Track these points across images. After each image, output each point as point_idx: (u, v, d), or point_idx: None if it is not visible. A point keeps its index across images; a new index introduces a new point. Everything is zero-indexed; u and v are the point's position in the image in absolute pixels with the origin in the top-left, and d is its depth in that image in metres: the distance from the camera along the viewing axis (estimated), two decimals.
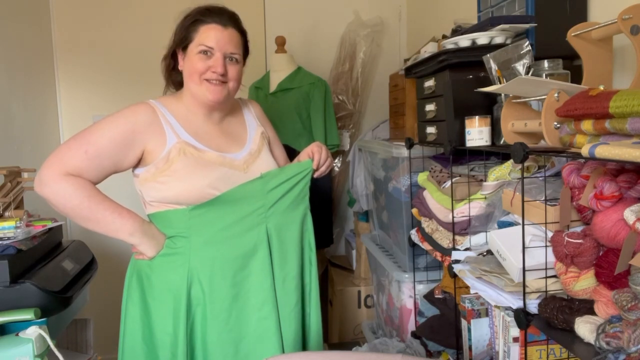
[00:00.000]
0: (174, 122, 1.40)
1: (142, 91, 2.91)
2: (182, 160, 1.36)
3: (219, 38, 1.38)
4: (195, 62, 1.39)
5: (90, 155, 1.31)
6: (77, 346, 1.90)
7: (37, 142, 2.59)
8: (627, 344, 0.83)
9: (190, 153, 1.37)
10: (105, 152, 1.33)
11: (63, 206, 1.30)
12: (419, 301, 2.04)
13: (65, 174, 1.29)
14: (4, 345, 1.29)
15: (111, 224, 1.35)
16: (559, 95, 1.09)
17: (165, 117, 1.40)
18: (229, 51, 1.40)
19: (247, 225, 1.40)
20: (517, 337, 1.29)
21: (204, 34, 1.39)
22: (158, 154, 1.37)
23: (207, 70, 1.38)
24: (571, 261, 1.02)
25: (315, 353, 1.26)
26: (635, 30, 1.06)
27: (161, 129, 1.38)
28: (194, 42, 1.40)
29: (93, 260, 1.89)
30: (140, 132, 1.36)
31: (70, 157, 1.30)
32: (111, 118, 1.37)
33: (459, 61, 1.51)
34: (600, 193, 0.96)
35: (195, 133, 1.42)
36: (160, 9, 2.89)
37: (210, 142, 1.43)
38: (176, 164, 1.35)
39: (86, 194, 1.31)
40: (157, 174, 1.37)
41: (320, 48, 3.04)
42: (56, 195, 1.29)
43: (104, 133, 1.34)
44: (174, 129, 1.39)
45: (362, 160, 2.68)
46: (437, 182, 1.71)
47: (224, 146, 1.45)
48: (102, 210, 1.33)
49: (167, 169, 1.36)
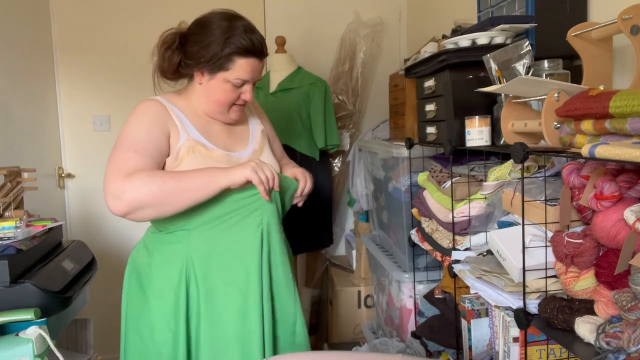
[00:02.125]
0: (183, 119, 1.41)
1: (142, 91, 2.90)
2: (191, 159, 1.36)
3: (255, 71, 1.39)
4: (227, 92, 1.39)
5: (140, 152, 1.31)
6: (77, 346, 1.90)
7: (37, 142, 2.59)
8: (627, 344, 0.83)
9: (199, 151, 1.38)
10: (149, 145, 1.33)
11: (151, 196, 1.25)
12: (419, 301, 2.05)
13: (129, 175, 1.27)
14: (4, 345, 1.29)
15: (198, 181, 1.29)
16: (559, 95, 1.09)
17: (175, 113, 1.41)
18: (259, 77, 1.43)
19: (244, 223, 1.40)
20: (517, 337, 1.29)
21: (241, 68, 1.36)
22: (172, 148, 1.38)
23: (238, 98, 1.41)
24: (571, 261, 1.02)
25: (315, 353, 1.26)
26: (635, 30, 1.06)
27: (174, 123, 1.39)
28: (229, 73, 1.36)
29: (93, 260, 1.89)
30: (162, 121, 1.37)
31: (125, 162, 1.29)
32: (133, 119, 1.37)
33: (459, 61, 1.51)
34: (600, 193, 0.96)
35: (204, 130, 1.42)
36: (160, 9, 2.90)
37: (217, 140, 1.43)
38: (185, 162, 1.36)
39: (158, 173, 1.29)
40: (166, 169, 1.38)
41: (320, 48, 3.04)
42: (137, 192, 1.25)
43: (138, 131, 1.34)
44: (184, 126, 1.40)
45: (362, 160, 2.68)
46: (437, 182, 1.71)
47: (230, 144, 1.46)
48: (183, 177, 1.29)
49: (176, 167, 1.36)
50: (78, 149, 2.89)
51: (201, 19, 1.42)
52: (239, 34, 1.35)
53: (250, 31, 1.37)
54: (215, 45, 1.35)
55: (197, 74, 1.40)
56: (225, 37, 1.34)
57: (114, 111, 2.91)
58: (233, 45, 1.34)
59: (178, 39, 1.40)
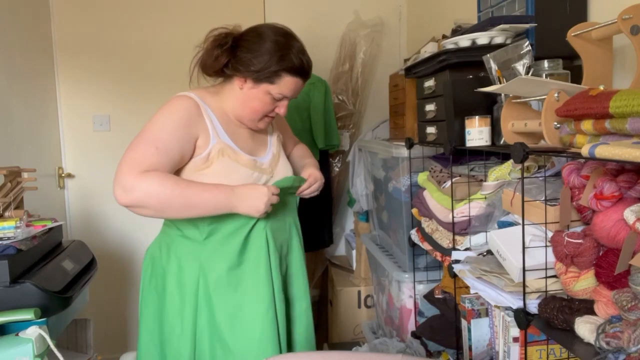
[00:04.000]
0: (214, 120, 1.41)
1: (142, 91, 2.92)
2: (221, 162, 1.38)
3: (297, 90, 1.44)
4: (265, 103, 1.41)
5: (161, 150, 1.30)
6: (77, 346, 1.90)
7: (37, 142, 2.59)
8: (627, 344, 0.83)
9: (228, 155, 1.40)
10: (172, 144, 1.32)
11: (157, 202, 1.27)
12: (419, 301, 2.05)
13: (145, 171, 1.27)
14: (4, 345, 1.29)
15: (207, 203, 1.31)
16: (559, 95, 1.09)
17: (207, 114, 1.40)
18: (295, 97, 1.47)
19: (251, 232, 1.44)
20: (517, 337, 1.29)
21: (286, 85, 1.40)
22: (202, 150, 1.38)
23: (272, 110, 1.44)
24: (571, 261, 1.02)
25: (316, 353, 1.26)
26: (635, 30, 1.06)
27: (205, 126, 1.39)
28: (274, 86, 1.39)
29: (93, 260, 1.89)
30: (193, 122, 1.36)
31: (144, 157, 1.28)
32: (164, 113, 1.36)
33: (459, 61, 1.51)
34: (600, 193, 0.96)
35: (231, 133, 1.44)
36: (160, 9, 2.89)
37: (243, 144, 1.45)
38: (215, 165, 1.38)
39: (173, 182, 1.28)
40: (195, 171, 1.38)
41: (320, 48, 3.04)
42: (146, 194, 1.25)
43: (165, 127, 1.33)
44: (214, 128, 1.40)
45: (362, 160, 2.68)
46: (437, 182, 1.71)
47: (253, 149, 1.49)
48: (194, 192, 1.30)
49: (206, 169, 1.38)
50: (78, 149, 2.89)
51: (257, 28, 1.42)
52: (293, 53, 1.38)
53: (302, 53, 1.41)
54: (268, 57, 1.36)
55: (239, 79, 1.41)
56: (280, 53, 1.37)
57: (114, 111, 2.91)
58: (286, 62, 1.37)
59: (231, 40, 1.40)
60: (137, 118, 2.89)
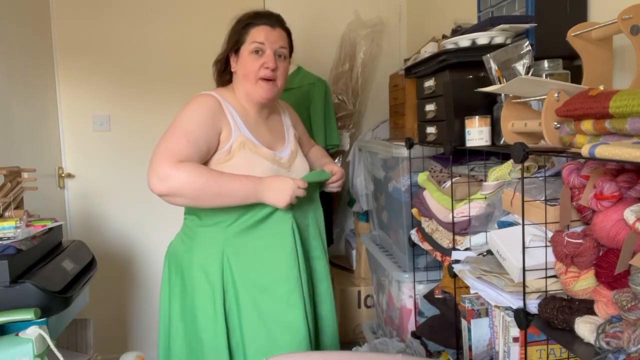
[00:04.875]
0: (235, 115, 1.50)
1: (142, 91, 2.92)
2: (243, 155, 1.46)
3: (268, 35, 1.51)
4: (249, 62, 1.50)
5: (192, 141, 1.38)
6: (77, 346, 1.90)
7: (37, 142, 2.59)
8: (627, 344, 0.83)
9: (249, 148, 1.47)
10: (200, 136, 1.40)
11: (193, 190, 1.34)
12: (419, 301, 2.05)
13: (179, 161, 1.34)
14: (4, 345, 1.29)
15: (238, 192, 1.39)
16: (559, 95, 1.09)
17: (228, 109, 1.49)
18: (278, 45, 1.52)
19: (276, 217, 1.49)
20: (517, 337, 1.29)
21: (255, 34, 1.51)
22: (225, 143, 1.46)
23: (260, 67, 1.49)
24: (571, 261, 1.02)
25: (316, 353, 1.26)
26: (635, 30, 1.06)
27: (227, 120, 1.48)
28: (246, 43, 1.52)
29: (93, 260, 1.89)
30: (217, 119, 1.46)
31: (178, 148, 1.36)
32: (189, 109, 1.45)
33: (459, 61, 1.51)
34: (600, 193, 0.96)
35: (251, 127, 1.52)
36: (160, 9, 2.89)
37: (262, 138, 1.53)
38: (237, 158, 1.45)
39: (206, 171, 1.37)
40: (217, 163, 1.45)
41: (320, 48, 3.04)
42: (183, 182, 1.32)
43: (192, 121, 1.42)
44: (235, 123, 1.49)
45: (362, 160, 2.68)
46: (437, 182, 1.71)
47: (272, 142, 1.57)
48: (225, 181, 1.38)
49: (228, 161, 1.45)
50: (78, 149, 2.89)
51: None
52: (249, 13, 1.56)
53: (260, 10, 1.58)
54: (233, 28, 1.57)
55: (232, 62, 1.56)
56: (239, 20, 1.57)
57: (114, 111, 2.90)
58: (245, 20, 1.54)
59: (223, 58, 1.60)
60: (137, 118, 2.89)
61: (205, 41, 2.84)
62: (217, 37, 1.68)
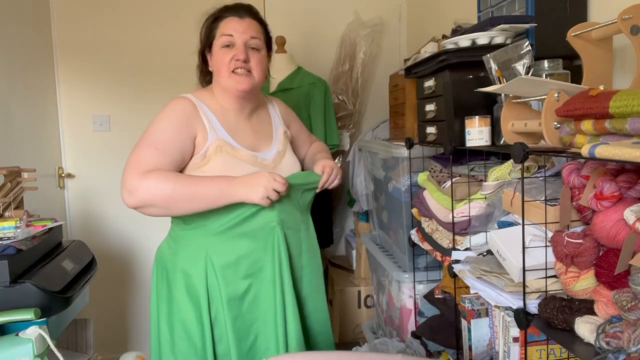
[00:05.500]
0: (211, 117, 1.46)
1: (142, 91, 2.92)
2: (219, 159, 1.42)
3: (236, 27, 1.46)
4: (221, 56, 1.46)
5: (161, 150, 1.36)
6: (77, 346, 1.90)
7: (37, 142, 2.59)
8: (627, 344, 0.83)
9: (227, 151, 1.43)
10: (171, 144, 1.38)
11: (162, 198, 1.31)
12: (419, 301, 2.04)
13: (148, 171, 1.32)
14: (4, 345, 1.29)
15: (209, 191, 1.35)
16: (559, 95, 1.09)
17: (204, 112, 1.46)
18: (248, 36, 1.46)
19: (260, 222, 1.45)
20: (517, 337, 1.29)
21: (223, 27, 1.47)
22: (200, 148, 1.42)
23: (231, 60, 1.44)
24: (571, 261, 1.02)
25: (316, 353, 1.26)
26: (635, 30, 1.06)
27: (202, 124, 1.44)
28: (216, 37, 1.48)
29: (93, 260, 1.89)
30: (190, 122, 1.42)
31: (145, 158, 1.34)
32: (161, 116, 1.42)
33: (459, 61, 1.51)
34: (600, 193, 0.96)
35: (230, 129, 1.48)
36: (160, 9, 2.89)
37: (243, 140, 1.48)
38: (213, 162, 1.41)
39: (174, 177, 1.34)
40: (193, 168, 1.42)
41: (320, 48, 3.04)
42: (151, 191, 1.30)
43: (163, 129, 1.39)
44: (212, 125, 1.45)
45: (362, 160, 2.68)
46: (437, 182, 1.71)
47: (255, 144, 1.51)
48: (196, 184, 1.34)
49: (204, 166, 1.41)
50: (78, 149, 2.89)
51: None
52: (219, 7, 1.52)
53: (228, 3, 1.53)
54: (204, 25, 1.54)
55: (208, 60, 1.52)
56: (208, 17, 1.54)
57: (114, 111, 2.90)
58: (213, 15, 1.52)
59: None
60: (137, 118, 2.88)
61: None
62: None
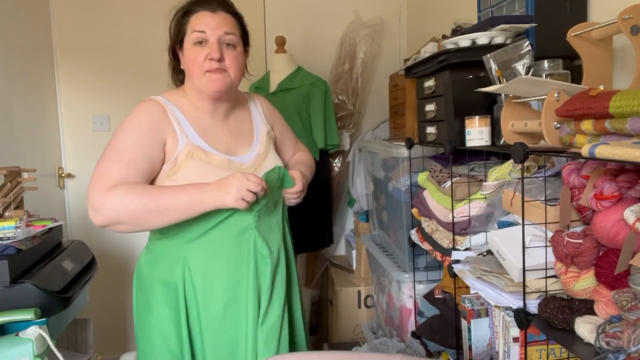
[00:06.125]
0: (182, 120, 1.36)
1: (142, 91, 2.90)
2: (190, 165, 1.32)
3: (208, 22, 1.34)
4: (193, 55, 1.35)
5: (127, 162, 1.26)
6: (77, 346, 1.90)
7: (37, 142, 2.59)
8: (627, 344, 0.83)
9: (199, 157, 1.33)
10: (138, 155, 1.28)
11: (129, 214, 1.22)
12: (419, 301, 2.04)
13: (111, 187, 1.23)
14: (4, 345, 1.29)
15: (180, 201, 1.25)
16: (559, 95, 1.09)
17: (174, 115, 1.36)
18: (222, 32, 1.34)
19: (238, 227, 1.37)
20: (517, 337, 1.29)
21: (194, 22, 1.36)
22: (170, 154, 1.33)
23: (205, 59, 1.33)
24: (571, 261, 1.02)
25: (315, 353, 1.26)
26: (635, 30, 1.06)
27: (172, 128, 1.34)
28: (187, 34, 1.37)
29: (93, 260, 1.89)
30: (157, 128, 1.32)
31: (109, 172, 1.25)
32: (126, 123, 1.33)
33: (459, 61, 1.51)
34: (600, 193, 0.96)
35: (204, 132, 1.38)
36: (160, 9, 2.89)
37: (217, 143, 1.38)
38: (183, 169, 1.32)
39: (140, 189, 1.24)
40: (164, 177, 1.33)
41: (320, 48, 3.04)
42: (116, 207, 1.22)
43: (128, 138, 1.30)
44: (183, 129, 1.35)
45: (362, 160, 2.68)
46: (437, 182, 1.71)
47: (232, 147, 1.41)
48: (165, 194, 1.24)
49: (174, 174, 1.32)
50: (78, 149, 2.89)
51: None
52: (187, 2, 1.41)
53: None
54: (174, 19, 1.43)
55: (180, 58, 1.43)
56: (176, 11, 1.43)
57: (114, 111, 2.91)
58: (181, 11, 1.41)
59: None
60: None
61: None
62: None
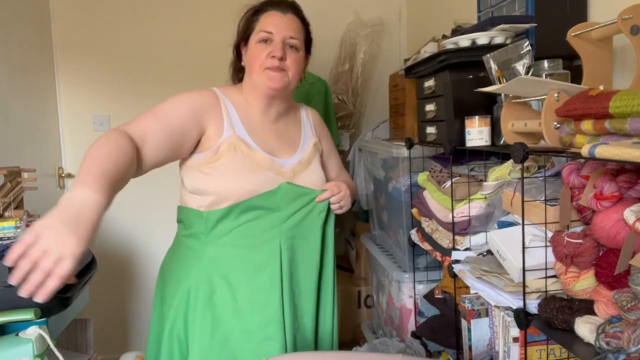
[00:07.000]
0: (232, 113, 1.37)
1: (142, 91, 2.92)
2: (231, 157, 1.32)
3: (277, 23, 1.37)
4: (256, 52, 1.37)
5: (159, 117, 1.26)
6: (77, 346, 1.90)
7: (37, 142, 2.59)
8: (627, 344, 0.83)
9: (241, 150, 1.33)
10: (173, 115, 1.28)
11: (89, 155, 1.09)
12: (419, 301, 2.04)
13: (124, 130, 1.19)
14: (4, 345, 1.29)
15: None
16: (559, 95, 1.09)
17: (226, 106, 1.37)
18: (288, 35, 1.37)
19: (261, 237, 1.35)
20: (517, 337, 1.29)
21: (263, 21, 1.39)
22: (213, 142, 1.33)
23: (267, 57, 1.36)
24: (571, 261, 1.02)
25: (316, 353, 1.26)
26: (635, 30, 1.06)
27: (221, 117, 1.35)
28: (255, 32, 1.39)
29: (93, 260, 1.89)
30: (205, 112, 1.33)
31: (136, 120, 1.24)
32: (178, 95, 1.34)
33: (459, 61, 1.51)
34: (600, 193, 0.96)
35: (251, 128, 1.38)
36: (160, 9, 2.89)
37: (262, 142, 1.39)
38: (224, 159, 1.32)
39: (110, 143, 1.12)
40: (204, 164, 1.33)
41: (320, 48, 3.02)
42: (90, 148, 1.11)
43: (172, 101, 1.31)
44: (231, 121, 1.36)
45: (362, 160, 2.68)
46: (437, 182, 1.71)
47: (276, 149, 1.41)
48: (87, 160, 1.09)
49: (214, 162, 1.32)
50: (78, 149, 2.89)
51: None
52: (260, 2, 1.43)
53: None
54: (244, 17, 1.44)
55: (243, 55, 1.44)
56: (248, 9, 1.44)
57: (114, 111, 2.90)
58: (254, 9, 1.42)
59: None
60: None
61: (206, 41, 2.84)
62: (218, 37, 1.67)
